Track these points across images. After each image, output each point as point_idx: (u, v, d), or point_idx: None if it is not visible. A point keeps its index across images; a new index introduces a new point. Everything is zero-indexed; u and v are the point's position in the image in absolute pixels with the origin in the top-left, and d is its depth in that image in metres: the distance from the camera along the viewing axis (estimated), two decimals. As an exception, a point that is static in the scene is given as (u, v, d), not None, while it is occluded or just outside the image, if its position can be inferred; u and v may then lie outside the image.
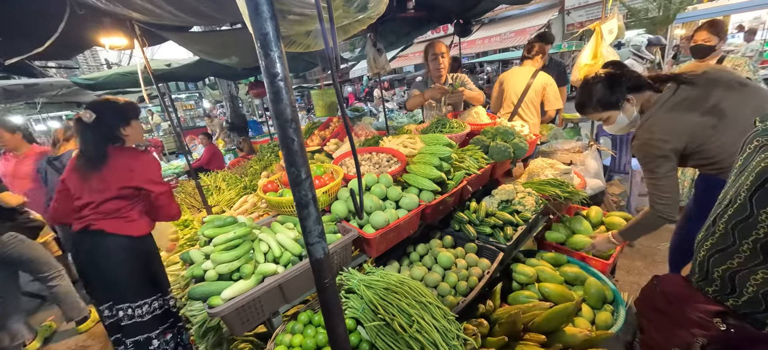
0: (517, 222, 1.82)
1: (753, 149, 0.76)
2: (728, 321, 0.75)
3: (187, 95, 13.44)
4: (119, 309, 1.76)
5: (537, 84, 3.00)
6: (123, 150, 1.79)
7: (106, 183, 1.71)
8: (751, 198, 0.72)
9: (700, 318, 0.79)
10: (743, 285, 0.75)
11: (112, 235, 1.74)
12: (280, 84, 0.48)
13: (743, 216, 0.74)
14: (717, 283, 0.80)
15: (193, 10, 1.86)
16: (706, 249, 0.82)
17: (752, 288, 0.73)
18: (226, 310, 1.10)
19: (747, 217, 0.73)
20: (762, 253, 0.71)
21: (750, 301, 0.75)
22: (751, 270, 0.73)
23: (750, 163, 0.75)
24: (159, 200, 1.82)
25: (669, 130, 1.34)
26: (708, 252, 0.82)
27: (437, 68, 2.87)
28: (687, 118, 1.32)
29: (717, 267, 0.79)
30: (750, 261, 0.73)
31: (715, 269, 0.79)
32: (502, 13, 11.90)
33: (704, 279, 0.83)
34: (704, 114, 1.30)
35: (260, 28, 0.45)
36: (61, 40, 1.93)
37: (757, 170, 0.71)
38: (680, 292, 0.85)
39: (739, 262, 0.75)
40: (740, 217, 0.74)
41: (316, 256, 0.61)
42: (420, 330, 1.09)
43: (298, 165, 0.53)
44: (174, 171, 6.12)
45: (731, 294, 0.78)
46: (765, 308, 0.73)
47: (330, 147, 2.93)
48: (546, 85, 3.01)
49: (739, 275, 0.75)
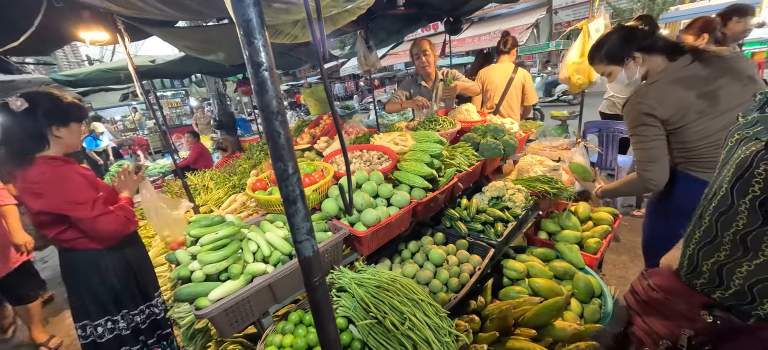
0: (507, 218, 1.84)
1: (734, 142, 0.77)
2: (715, 313, 0.76)
3: (173, 93, 13.16)
4: (97, 325, 1.66)
5: (517, 80, 3.05)
6: (38, 163, 1.46)
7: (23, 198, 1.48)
8: (731, 189, 0.73)
9: (687, 310, 0.80)
10: (730, 277, 0.76)
11: (79, 251, 1.59)
12: (264, 74, 0.46)
13: (725, 207, 0.75)
14: (705, 276, 0.81)
15: (178, 4, 1.80)
16: (696, 242, 0.83)
17: (739, 280, 0.74)
18: (213, 311, 1.08)
19: (728, 208, 0.75)
20: (742, 246, 0.72)
21: (737, 293, 0.76)
22: (737, 262, 0.74)
23: (732, 156, 0.76)
24: (82, 224, 1.50)
25: (660, 100, 1.31)
26: (697, 246, 0.83)
27: (423, 66, 2.88)
28: (683, 95, 1.29)
29: (706, 260, 0.80)
30: (734, 254, 0.75)
31: (705, 262, 0.81)
32: (491, 12, 12.02)
33: (693, 272, 0.85)
34: (700, 96, 1.27)
35: (243, 14, 0.43)
36: (38, 35, 1.85)
37: (737, 161, 0.73)
38: (668, 285, 0.86)
39: (725, 255, 0.76)
40: (722, 208, 0.76)
41: (305, 254, 0.59)
42: (412, 327, 1.09)
43: (285, 159, 0.51)
44: (160, 170, 5.97)
45: (719, 287, 0.79)
46: (751, 300, 0.74)
47: (320, 144, 2.90)
48: (525, 79, 3.08)
49: (726, 267, 0.76)
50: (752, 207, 0.69)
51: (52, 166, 1.47)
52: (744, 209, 0.71)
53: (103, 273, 1.66)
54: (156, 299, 1.87)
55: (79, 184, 1.51)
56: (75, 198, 1.47)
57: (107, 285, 1.67)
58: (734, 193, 0.73)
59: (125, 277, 1.73)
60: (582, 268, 1.78)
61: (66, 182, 1.48)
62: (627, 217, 3.37)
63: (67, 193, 1.47)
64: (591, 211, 2.17)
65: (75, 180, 1.50)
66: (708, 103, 1.26)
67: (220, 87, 6.95)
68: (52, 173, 1.46)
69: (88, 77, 4.22)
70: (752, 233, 0.70)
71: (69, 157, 1.59)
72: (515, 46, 3.15)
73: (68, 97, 1.57)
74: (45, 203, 1.44)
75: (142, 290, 1.81)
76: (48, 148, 1.50)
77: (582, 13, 12.84)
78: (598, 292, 1.66)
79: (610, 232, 2.01)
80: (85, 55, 13.50)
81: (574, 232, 1.99)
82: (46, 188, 1.44)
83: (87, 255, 1.63)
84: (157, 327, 1.86)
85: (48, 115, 1.47)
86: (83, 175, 1.56)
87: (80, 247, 1.60)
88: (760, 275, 0.71)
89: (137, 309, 1.77)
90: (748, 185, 0.70)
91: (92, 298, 1.66)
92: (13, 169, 1.47)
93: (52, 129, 1.49)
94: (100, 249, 1.64)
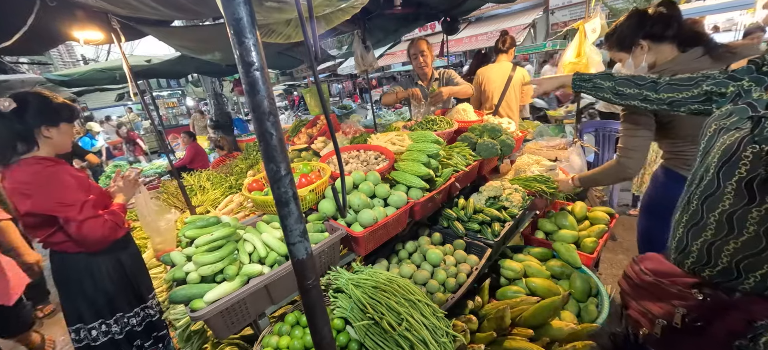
0: (504, 218, 1.84)
1: (713, 132, 0.83)
2: (704, 291, 0.82)
3: (170, 93, 13.08)
4: (91, 328, 1.64)
5: (516, 78, 3.02)
6: (27, 163, 1.44)
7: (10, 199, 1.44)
8: (718, 173, 0.79)
9: (679, 290, 0.86)
10: (719, 255, 0.81)
11: (71, 254, 1.57)
12: (256, 74, 0.45)
13: (712, 191, 0.81)
14: (694, 255, 0.86)
15: (173, 4, 1.79)
16: (683, 225, 0.89)
17: (726, 257, 0.80)
18: (209, 313, 1.07)
19: (715, 191, 0.80)
20: (727, 225, 0.78)
21: (724, 270, 0.81)
22: (724, 241, 0.79)
23: (714, 144, 0.82)
24: (68, 227, 1.46)
25: None
26: (685, 228, 0.88)
27: (420, 65, 2.88)
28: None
29: (695, 240, 0.86)
30: (719, 233, 0.80)
31: (694, 242, 0.86)
32: (488, 12, 12.04)
33: (681, 253, 0.90)
34: None
35: (233, 13, 0.42)
36: (31, 34, 1.83)
37: (723, 147, 0.78)
38: (659, 269, 0.91)
39: (711, 234, 0.82)
40: (709, 192, 0.82)
41: (299, 257, 0.59)
42: (409, 328, 1.09)
43: (277, 160, 0.50)
44: (156, 170, 5.94)
45: (707, 265, 0.84)
46: (737, 275, 0.79)
47: (317, 145, 2.89)
48: (524, 78, 3.05)
49: (714, 246, 0.82)
50: (738, 187, 0.75)
51: (43, 166, 1.44)
52: (731, 190, 0.77)
53: (95, 276, 1.63)
54: (151, 301, 1.86)
55: (69, 185, 1.48)
56: (63, 199, 1.44)
57: (100, 288, 1.64)
58: (720, 177, 0.79)
59: (118, 280, 1.71)
60: (579, 268, 1.79)
61: (55, 182, 1.45)
62: (623, 216, 3.38)
63: (56, 194, 1.44)
64: (587, 211, 2.18)
65: (65, 181, 1.47)
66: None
67: (216, 87, 6.92)
68: (42, 173, 1.43)
69: (83, 77, 4.17)
70: (738, 212, 0.76)
71: (59, 157, 1.56)
72: (513, 45, 3.13)
73: (58, 98, 1.54)
74: (33, 203, 1.41)
75: (136, 292, 1.78)
76: (37, 148, 1.47)
77: (578, 13, 12.87)
78: (595, 291, 1.66)
79: (606, 231, 2.02)
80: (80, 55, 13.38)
81: (570, 232, 2.00)
82: (35, 188, 1.41)
83: (79, 258, 1.60)
84: (153, 329, 1.85)
85: (37, 115, 1.45)
86: (74, 176, 1.54)
87: (72, 250, 1.57)
88: (746, 251, 0.76)
89: (132, 312, 1.75)
90: (734, 168, 0.75)
91: (85, 302, 1.64)
92: (2, 170, 1.45)
93: (42, 129, 1.46)
94: (92, 252, 1.61)
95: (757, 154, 0.71)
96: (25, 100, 1.44)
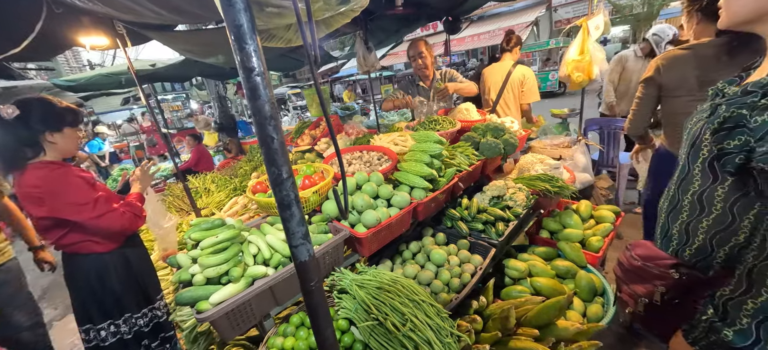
0: (508, 217, 1.83)
1: (692, 124, 0.91)
2: (681, 270, 0.90)
3: (174, 96, 13.20)
4: (100, 329, 1.66)
5: (515, 77, 2.99)
6: (35, 167, 1.46)
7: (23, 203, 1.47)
8: (687, 157, 0.89)
9: (660, 271, 0.93)
10: (695, 234, 0.90)
11: (81, 255, 1.59)
12: (256, 80, 0.45)
13: (684, 175, 0.90)
14: (675, 238, 0.96)
15: (176, 8, 1.81)
16: (665, 211, 0.99)
17: (701, 235, 0.89)
18: (215, 315, 1.08)
19: (686, 175, 0.90)
20: (699, 205, 0.87)
21: (699, 248, 0.90)
22: (698, 220, 0.88)
23: (689, 135, 0.91)
24: (86, 226, 1.50)
25: (669, 67, 1.55)
26: (666, 213, 0.98)
27: (420, 67, 2.88)
28: (686, 71, 1.49)
29: (674, 223, 0.96)
30: (693, 213, 0.89)
31: (673, 225, 0.96)
32: (490, 10, 11.99)
33: (665, 237, 0.99)
34: (698, 79, 1.46)
35: (234, 20, 0.42)
36: (39, 41, 1.85)
37: (690, 133, 0.88)
38: (646, 254, 0.99)
39: (686, 215, 0.91)
40: (682, 176, 0.91)
41: (301, 259, 0.59)
42: (413, 328, 1.09)
43: (278, 164, 0.51)
44: (161, 173, 6.00)
45: (686, 244, 0.93)
46: (711, 251, 0.88)
47: (321, 146, 2.90)
48: (525, 76, 3.01)
49: (690, 226, 0.91)
50: (703, 168, 0.84)
51: (50, 170, 1.47)
52: (697, 172, 0.86)
53: (105, 277, 1.66)
54: (158, 302, 1.88)
55: (79, 186, 1.51)
56: (76, 200, 1.47)
57: (110, 289, 1.67)
58: (689, 160, 0.88)
59: (127, 281, 1.73)
60: (584, 267, 1.78)
61: (65, 185, 1.47)
62: (629, 215, 3.35)
63: (68, 196, 1.46)
64: (593, 209, 2.17)
65: (74, 183, 1.50)
66: (699, 87, 1.46)
67: (220, 89, 6.96)
68: (51, 177, 1.45)
69: (89, 82, 4.23)
70: (706, 192, 0.85)
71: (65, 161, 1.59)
72: (518, 44, 3.11)
73: (62, 102, 1.56)
74: (47, 209, 1.45)
75: (144, 293, 1.81)
76: (43, 154, 1.50)
77: (581, 10, 12.78)
78: (601, 291, 1.65)
79: (612, 230, 2.00)
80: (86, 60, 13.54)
81: (576, 231, 1.98)
82: (46, 193, 1.44)
83: (89, 260, 1.63)
84: (160, 329, 1.87)
85: (41, 121, 1.47)
86: (82, 176, 1.57)
87: (82, 251, 1.60)
88: (716, 228, 0.85)
89: (140, 313, 1.78)
90: (699, 151, 0.85)
91: (95, 302, 1.66)
92: (11, 176, 1.48)
93: (46, 135, 1.48)
94: (102, 253, 1.64)
95: (711, 134, 0.79)
96: (29, 106, 1.46)
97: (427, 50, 2.87)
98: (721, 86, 0.88)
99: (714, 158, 0.80)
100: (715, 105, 0.81)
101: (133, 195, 1.74)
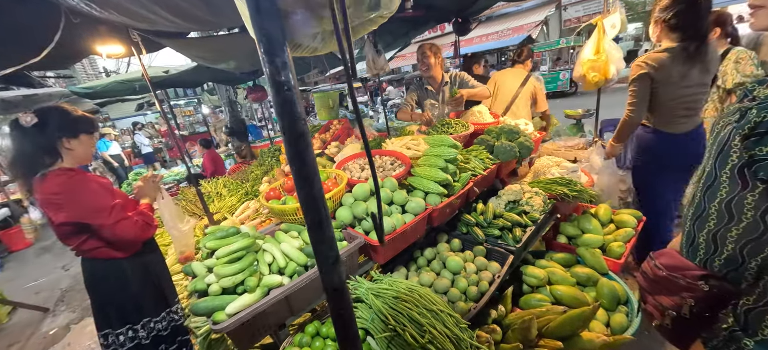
0: (525, 223, 1.78)
1: (719, 128, 0.88)
2: (710, 282, 0.85)
3: (186, 101, 13.42)
4: (119, 333, 1.68)
5: (527, 89, 3.19)
6: (55, 174, 1.49)
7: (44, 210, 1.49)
8: (715, 163, 0.86)
9: (688, 282, 0.89)
10: (724, 243, 0.85)
11: (101, 261, 1.62)
12: (287, 94, 0.42)
13: (711, 181, 0.87)
14: (702, 247, 0.91)
15: (189, 16, 1.82)
16: (690, 219, 0.95)
17: (731, 244, 0.84)
18: (231, 326, 1.06)
19: (713, 181, 0.86)
20: (727, 213, 0.83)
21: (729, 259, 0.85)
22: (727, 228, 0.84)
23: (716, 140, 0.88)
24: (102, 232, 1.52)
25: (658, 66, 1.85)
26: (691, 222, 0.94)
27: (428, 70, 2.85)
28: (672, 67, 1.82)
29: (700, 232, 0.91)
30: (721, 221, 0.85)
31: (700, 234, 0.91)
32: (499, 11, 11.89)
33: (691, 246, 0.95)
34: (681, 72, 1.82)
35: (263, 29, 0.39)
36: (57, 50, 1.89)
37: (718, 138, 0.85)
38: (672, 263, 0.95)
39: (713, 224, 0.87)
40: (708, 182, 0.88)
41: (333, 286, 0.55)
42: (432, 340, 1.06)
43: (311, 183, 0.48)
44: (174, 178, 6.09)
45: (715, 254, 0.88)
46: (741, 261, 0.83)
47: (331, 150, 2.89)
48: (536, 87, 3.23)
49: (718, 234, 0.86)
50: (732, 175, 0.81)
51: (69, 176, 1.50)
52: (725, 179, 0.83)
53: (124, 282, 1.68)
54: (176, 305, 1.89)
55: (97, 191, 1.54)
56: (94, 205, 1.50)
57: (128, 294, 1.69)
58: (717, 167, 0.85)
59: (146, 285, 1.75)
60: (606, 274, 1.71)
61: (84, 190, 1.50)
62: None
63: (86, 201, 1.49)
64: (613, 214, 2.09)
65: (92, 188, 1.54)
66: (680, 79, 1.85)
67: (231, 94, 7.05)
68: (70, 183, 1.48)
69: (105, 89, 4.32)
70: (734, 199, 0.81)
71: None
72: (530, 57, 3.33)
73: (77, 110, 1.60)
74: (67, 214, 1.47)
75: (162, 297, 1.83)
76: (61, 161, 1.53)
77: (591, 8, 12.55)
78: (624, 299, 1.59)
79: (633, 235, 1.93)
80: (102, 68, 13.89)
81: (595, 236, 1.92)
82: (66, 199, 1.47)
83: (108, 265, 1.65)
84: (178, 333, 1.88)
85: (58, 128, 1.51)
86: (99, 182, 1.61)
87: (102, 256, 1.63)
88: (747, 236, 0.80)
89: (158, 316, 1.79)
90: (727, 157, 0.82)
91: (114, 307, 1.68)
92: (31, 183, 1.51)
93: (63, 141, 1.52)
94: (120, 259, 1.66)
95: (741, 140, 0.76)
96: (46, 114, 1.50)
97: (432, 53, 2.84)
98: (750, 87, 0.84)
99: (744, 165, 0.78)
100: (744, 108, 0.78)
101: (144, 205, 1.78)
